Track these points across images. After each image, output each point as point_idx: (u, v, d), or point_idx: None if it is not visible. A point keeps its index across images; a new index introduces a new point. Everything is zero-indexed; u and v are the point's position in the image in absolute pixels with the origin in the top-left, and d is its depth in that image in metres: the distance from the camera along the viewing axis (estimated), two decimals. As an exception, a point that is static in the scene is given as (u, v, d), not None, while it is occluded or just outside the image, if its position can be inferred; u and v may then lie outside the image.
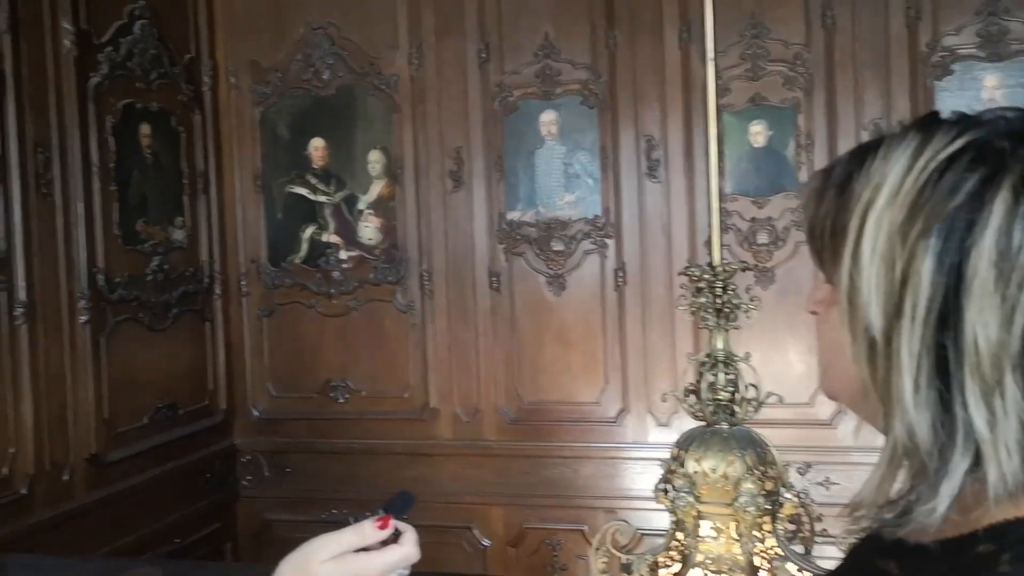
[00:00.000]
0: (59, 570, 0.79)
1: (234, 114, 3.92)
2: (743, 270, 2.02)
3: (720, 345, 1.79)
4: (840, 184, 0.77)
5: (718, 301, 1.77)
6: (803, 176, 3.39)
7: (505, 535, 3.68)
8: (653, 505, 3.42)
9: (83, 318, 3.25)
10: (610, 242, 3.59)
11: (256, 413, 3.97)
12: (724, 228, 3.39)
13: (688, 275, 1.79)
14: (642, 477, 3.53)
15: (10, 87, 3.00)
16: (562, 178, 3.64)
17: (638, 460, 3.56)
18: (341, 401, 3.88)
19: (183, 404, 3.74)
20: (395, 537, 0.95)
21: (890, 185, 0.71)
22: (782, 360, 3.39)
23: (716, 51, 3.41)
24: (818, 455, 3.41)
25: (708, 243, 3.40)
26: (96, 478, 3.28)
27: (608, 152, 3.58)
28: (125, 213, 3.44)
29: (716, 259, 1.78)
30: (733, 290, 1.77)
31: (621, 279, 3.58)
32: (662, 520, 3.32)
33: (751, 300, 1.81)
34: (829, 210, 0.78)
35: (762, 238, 3.42)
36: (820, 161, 3.37)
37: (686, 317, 2.51)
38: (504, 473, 3.69)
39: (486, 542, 3.69)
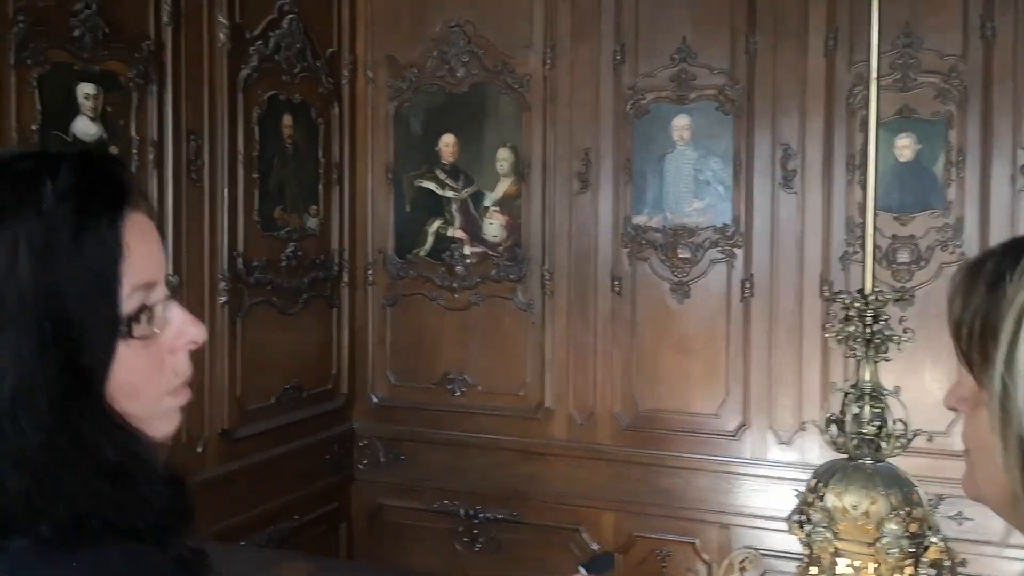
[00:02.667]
0: (217, 556, 0.83)
1: (370, 108, 4.02)
2: (897, 300, 1.94)
3: (868, 377, 1.72)
4: (991, 282, 0.72)
5: (868, 331, 1.70)
6: (952, 194, 3.23)
7: (614, 541, 3.66)
8: (767, 524, 3.36)
9: (222, 299, 3.41)
10: (739, 252, 3.51)
11: (375, 400, 4.07)
12: (862, 244, 3.26)
13: (837, 301, 1.72)
14: (758, 495, 3.46)
15: (168, 77, 3.16)
16: (692, 184, 3.58)
17: (755, 477, 3.48)
18: (457, 394, 3.94)
19: (308, 386, 3.87)
20: None
21: None
22: (918, 385, 3.23)
23: (862, 59, 3.29)
24: (952, 488, 3.22)
25: (843, 259, 3.31)
26: (226, 452, 3.44)
27: (741, 160, 3.50)
28: (265, 200, 3.59)
29: (868, 286, 1.72)
30: (885, 320, 1.70)
31: (748, 290, 3.49)
32: (776, 541, 3.25)
33: (904, 331, 1.73)
34: (979, 309, 0.73)
35: (903, 257, 3.27)
36: (971, 180, 3.20)
37: (826, 339, 2.43)
38: (616, 478, 3.68)
39: (595, 546, 3.69)
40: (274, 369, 3.69)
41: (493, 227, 3.88)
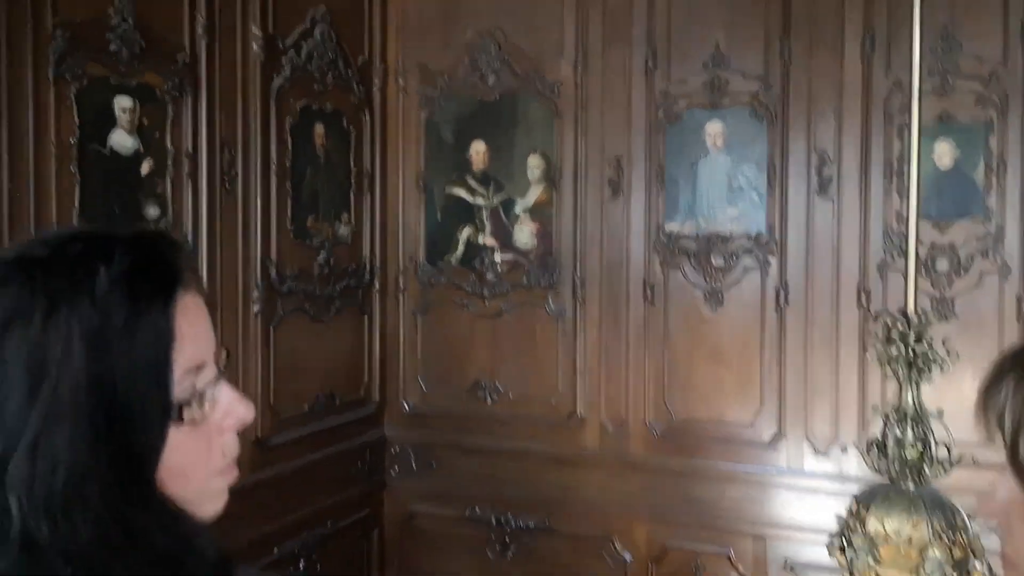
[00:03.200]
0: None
1: (401, 116, 4.02)
2: (942, 320, 1.90)
3: (911, 400, 1.69)
4: None
5: (911, 353, 1.67)
6: (992, 201, 3.17)
7: (647, 551, 3.64)
8: (803, 536, 3.33)
9: (256, 308, 3.43)
10: (773, 260, 3.47)
11: (407, 407, 4.08)
12: (900, 252, 3.21)
13: (879, 321, 1.69)
14: (794, 506, 3.42)
15: (203, 89, 3.19)
16: (725, 191, 3.54)
17: (791, 488, 3.44)
18: (488, 402, 3.94)
19: (340, 394, 3.89)
20: None
21: None
22: (957, 396, 3.16)
23: (900, 65, 3.24)
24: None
25: (881, 267, 3.25)
26: (260, 460, 3.46)
27: (776, 166, 3.45)
28: (297, 209, 3.61)
29: (911, 307, 1.68)
30: (929, 343, 1.67)
31: (783, 299, 3.45)
32: (812, 553, 3.21)
33: (948, 353, 1.70)
34: None
35: (942, 265, 3.21)
36: (1013, 187, 3.14)
37: (865, 351, 2.39)
38: (649, 488, 3.65)
39: (627, 556, 3.67)
40: (307, 377, 3.71)
41: (524, 234, 3.87)
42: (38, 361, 0.71)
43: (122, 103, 2.92)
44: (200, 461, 0.80)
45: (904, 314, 1.70)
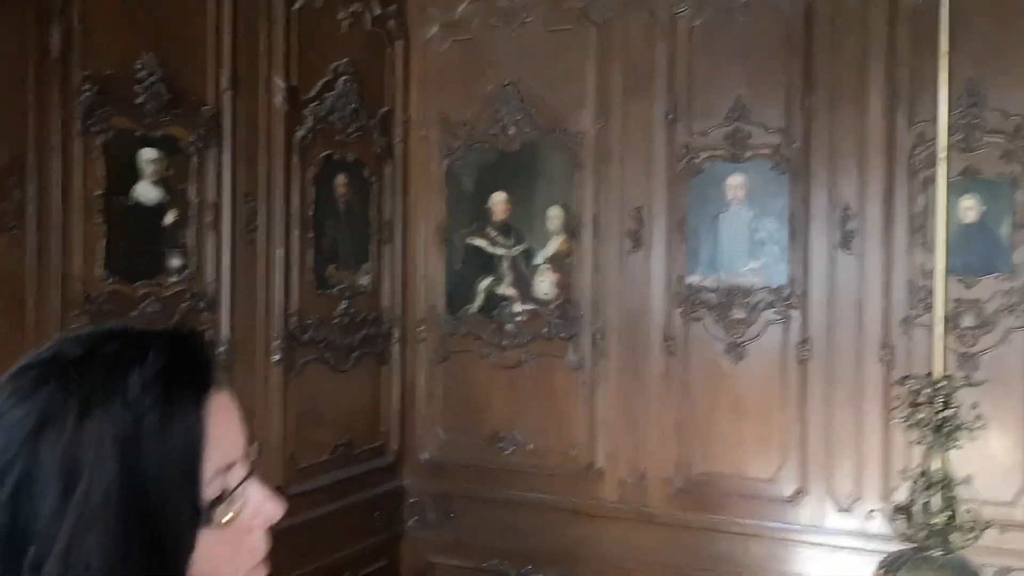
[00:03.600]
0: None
1: (422, 166, 4.05)
2: (970, 385, 1.86)
3: (938, 466, 1.65)
4: None
5: (938, 418, 1.63)
6: (1018, 257, 3.13)
7: (667, 609, 3.57)
8: (828, 596, 3.24)
9: (276, 357, 3.44)
10: (795, 313, 3.44)
11: (425, 457, 4.05)
12: (925, 307, 3.17)
13: (906, 385, 1.66)
14: (817, 565, 3.34)
15: (227, 140, 3.23)
16: (747, 244, 3.52)
17: (814, 545, 3.36)
18: (507, 452, 3.90)
19: (359, 443, 3.87)
20: None
21: None
22: (984, 453, 3.11)
23: (924, 119, 3.23)
24: (1020, 560, 3.11)
25: (904, 322, 3.21)
26: (278, 511, 3.44)
27: (798, 219, 3.44)
28: (318, 259, 3.63)
29: (938, 371, 1.65)
30: (956, 407, 1.63)
31: (806, 353, 3.41)
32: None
33: (976, 418, 1.66)
34: None
35: (967, 321, 3.17)
36: (1039, 242, 3.10)
37: (896, 422, 2.35)
38: (669, 543, 3.59)
39: (648, 613, 3.59)
40: (326, 426, 3.70)
41: (544, 285, 3.86)
42: (71, 465, 0.71)
43: (147, 155, 2.97)
44: (229, 562, 0.80)
45: (931, 378, 1.67)
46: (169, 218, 3.05)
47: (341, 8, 3.71)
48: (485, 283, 3.96)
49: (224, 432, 0.79)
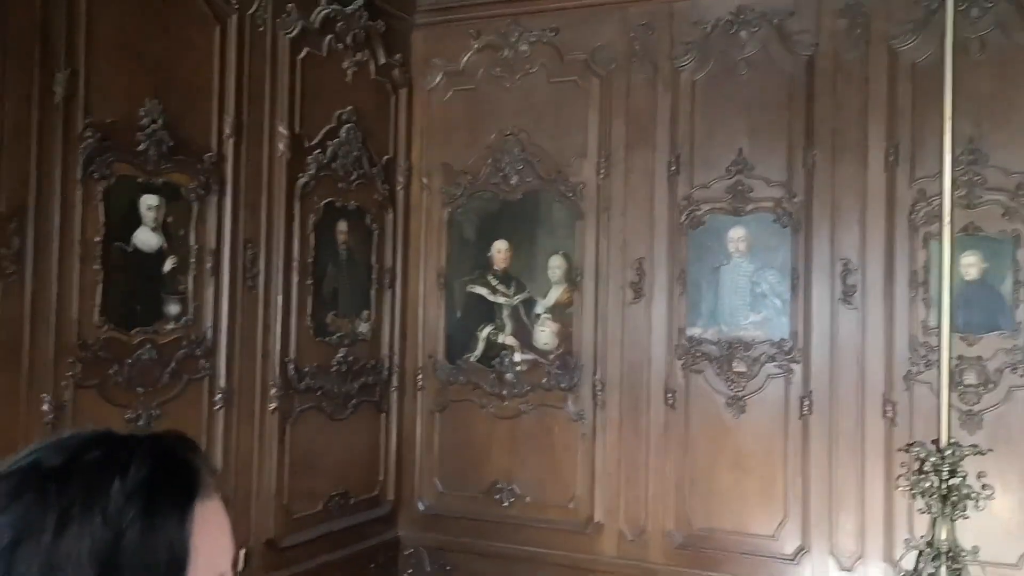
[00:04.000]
0: None
1: (424, 213, 4.05)
2: (977, 454, 1.83)
3: (944, 536, 1.61)
4: None
5: (945, 487, 1.60)
6: (1020, 315, 3.11)
7: (666, 669, 3.49)
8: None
9: (272, 405, 3.40)
10: (797, 367, 3.41)
11: (422, 507, 3.99)
12: (926, 363, 3.15)
13: (911, 453, 1.63)
14: (821, 626, 3.27)
15: (228, 187, 3.23)
16: (748, 297, 3.51)
17: (817, 606, 3.30)
18: (505, 504, 3.84)
19: (354, 493, 3.81)
20: None
21: None
22: (987, 513, 3.07)
23: (924, 175, 3.24)
24: (1027, 626, 3.05)
25: (907, 378, 3.18)
26: (273, 562, 3.38)
27: (799, 273, 3.43)
28: (318, 306, 3.61)
29: (944, 439, 1.62)
30: (963, 477, 1.60)
31: (807, 407, 3.38)
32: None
33: (983, 487, 1.63)
34: None
35: (969, 378, 3.14)
36: (1043, 300, 3.08)
37: (895, 484, 2.31)
38: (669, 601, 3.52)
39: (646, 674, 3.51)
40: (322, 475, 3.65)
41: (545, 334, 3.84)
42: None
43: (148, 202, 2.96)
44: None
45: (937, 445, 1.64)
46: (168, 264, 3.03)
47: (346, 57, 3.73)
48: (485, 331, 3.93)
49: (211, 543, 0.75)
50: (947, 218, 1.80)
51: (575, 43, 3.82)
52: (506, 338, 3.90)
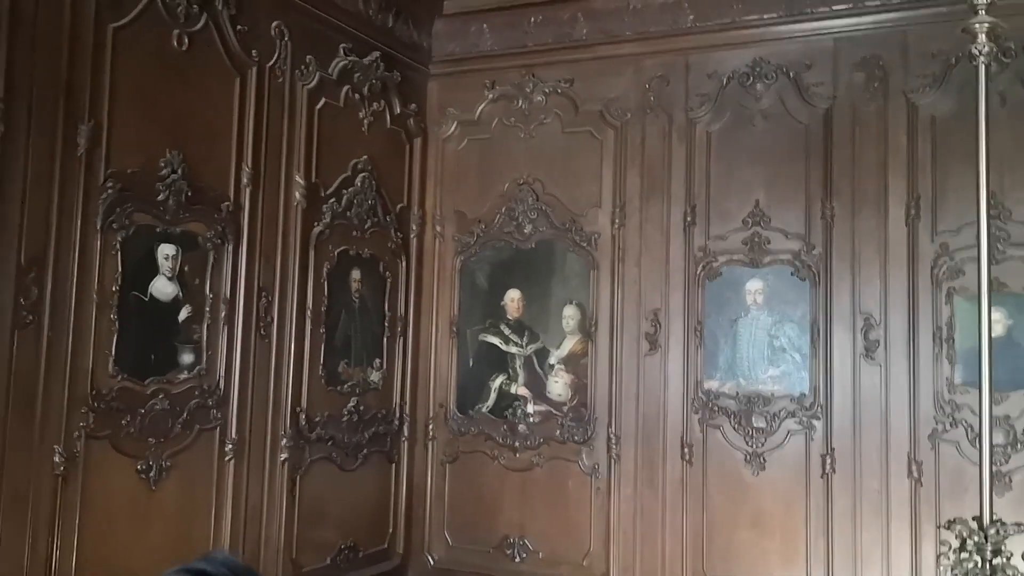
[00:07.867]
0: None
1: (437, 261, 4.03)
2: (1022, 532, 1.77)
3: (991, 617, 1.55)
4: None
5: (987, 568, 1.54)
6: (1047, 372, 3.06)
7: None
8: None
9: (283, 456, 3.34)
10: (818, 424, 3.35)
11: (432, 561, 3.91)
12: (952, 422, 3.09)
13: (952, 530, 1.58)
14: None
15: (244, 236, 3.21)
16: (766, 350, 3.46)
17: (840, 671, 3.20)
18: (517, 560, 3.76)
19: (363, 546, 3.74)
20: None
21: None
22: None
23: (947, 228, 3.21)
24: None
25: (932, 436, 3.11)
26: (279, 619, 3.30)
27: (819, 327, 3.38)
28: (330, 354, 3.57)
29: (987, 517, 1.57)
30: (1008, 557, 1.54)
31: (830, 465, 3.31)
32: None
33: (1031, 566, 1.57)
34: None
35: (997, 438, 3.07)
36: (1069, 359, 3.03)
37: (919, 527, 2.24)
38: (687, 663, 3.42)
39: None
40: (331, 527, 3.57)
41: (558, 385, 3.79)
42: None
43: (165, 251, 2.94)
44: None
45: (979, 522, 1.58)
46: (183, 313, 3.00)
47: (363, 107, 3.74)
48: (498, 381, 3.89)
49: None
50: (984, 276, 1.76)
51: (590, 94, 3.83)
52: (519, 388, 3.85)
